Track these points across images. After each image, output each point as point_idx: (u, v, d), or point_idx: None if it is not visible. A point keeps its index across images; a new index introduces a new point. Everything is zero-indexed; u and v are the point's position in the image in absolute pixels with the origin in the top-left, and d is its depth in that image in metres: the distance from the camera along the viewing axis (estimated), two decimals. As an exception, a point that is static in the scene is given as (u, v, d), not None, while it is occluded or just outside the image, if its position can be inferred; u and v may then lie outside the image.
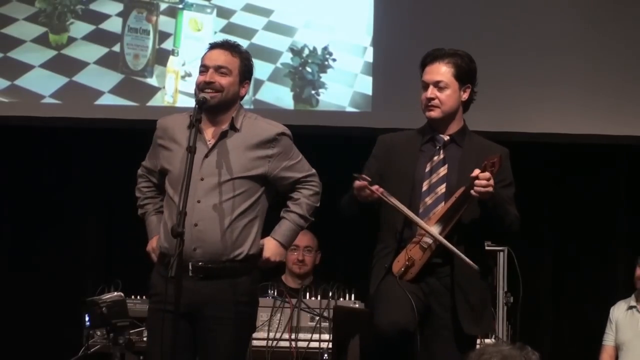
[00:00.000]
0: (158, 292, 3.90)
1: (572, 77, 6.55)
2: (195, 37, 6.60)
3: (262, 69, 6.56)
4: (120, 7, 6.63)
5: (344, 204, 4.02)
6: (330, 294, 5.03)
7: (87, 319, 4.25)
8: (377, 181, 3.91)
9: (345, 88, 6.59)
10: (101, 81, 6.54)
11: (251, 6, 6.65)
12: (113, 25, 6.61)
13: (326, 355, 4.89)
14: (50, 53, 6.57)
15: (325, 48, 6.59)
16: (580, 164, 6.74)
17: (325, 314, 4.97)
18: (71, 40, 6.60)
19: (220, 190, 3.92)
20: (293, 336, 4.94)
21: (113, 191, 6.36)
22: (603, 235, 6.71)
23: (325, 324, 4.96)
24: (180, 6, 6.63)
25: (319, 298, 5.09)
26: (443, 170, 3.98)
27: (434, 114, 4.01)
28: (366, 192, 3.85)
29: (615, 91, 6.52)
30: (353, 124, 6.44)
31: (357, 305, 4.97)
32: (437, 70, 4.01)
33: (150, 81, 6.56)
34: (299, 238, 5.81)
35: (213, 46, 4.07)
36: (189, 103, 4.13)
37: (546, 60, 6.53)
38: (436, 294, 3.90)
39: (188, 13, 6.62)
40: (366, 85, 6.58)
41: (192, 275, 3.87)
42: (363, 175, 3.87)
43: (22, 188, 6.64)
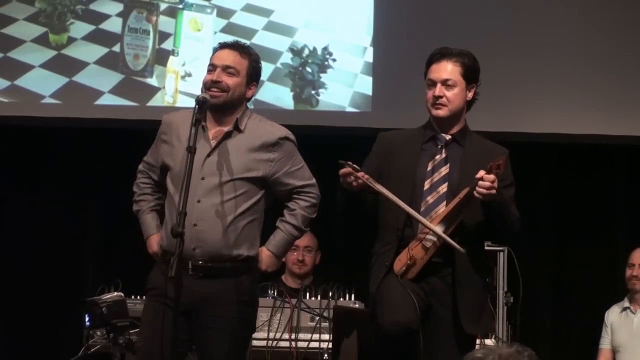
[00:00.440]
0: (157, 288, 3.91)
1: (572, 77, 6.55)
2: (195, 37, 6.61)
3: (262, 69, 6.55)
4: (120, 7, 6.63)
5: (336, 196, 3.99)
6: (330, 294, 5.03)
7: (87, 319, 4.25)
8: (376, 178, 3.89)
9: (345, 88, 6.59)
10: (101, 81, 6.54)
11: (251, 6, 6.65)
12: (113, 25, 6.62)
13: (326, 355, 4.90)
14: (50, 53, 6.57)
15: (325, 48, 6.59)
16: (580, 164, 6.74)
17: (325, 314, 4.97)
18: (71, 40, 6.60)
19: (221, 190, 3.92)
20: (293, 336, 4.94)
21: (113, 191, 6.36)
22: (603, 235, 6.71)
23: (325, 324, 4.96)
24: (180, 6, 6.63)
25: (319, 298, 5.09)
26: (445, 169, 3.97)
27: (442, 113, 4.00)
28: (351, 179, 3.82)
29: (615, 91, 6.53)
30: (353, 124, 6.45)
31: (357, 305, 4.97)
32: (445, 68, 4.00)
33: (150, 81, 6.56)
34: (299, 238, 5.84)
35: (223, 46, 4.07)
36: (189, 103, 4.13)
37: (546, 60, 6.53)
38: (437, 293, 3.90)
39: (188, 13, 6.62)
40: (366, 85, 6.58)
41: (192, 273, 3.88)
42: (348, 162, 3.84)
43: (22, 188, 6.63)
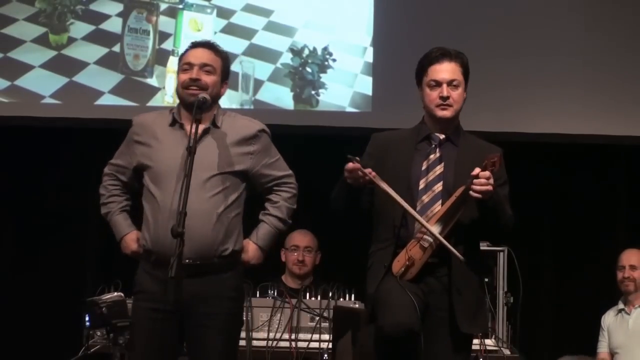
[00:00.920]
0: (144, 290, 3.96)
1: (572, 78, 6.55)
2: (195, 37, 6.56)
3: (262, 69, 6.57)
4: (120, 7, 6.64)
5: (334, 193, 3.97)
6: (330, 294, 5.03)
7: (87, 319, 4.24)
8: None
9: (345, 88, 6.59)
10: (101, 81, 6.54)
11: (251, 6, 6.65)
12: (113, 25, 6.62)
13: (326, 355, 4.89)
14: (50, 53, 6.57)
15: (325, 48, 6.60)
16: (580, 164, 6.75)
17: (325, 314, 4.98)
18: (71, 40, 6.60)
19: (205, 186, 3.96)
20: (293, 336, 4.94)
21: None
22: (603, 235, 6.71)
23: (325, 324, 4.96)
24: (180, 6, 6.64)
25: (319, 298, 5.09)
26: (439, 168, 3.96)
27: (448, 114, 3.98)
28: (358, 175, 3.81)
29: (615, 91, 6.53)
30: (353, 124, 6.45)
31: (357, 305, 4.96)
32: (450, 68, 3.98)
33: (150, 81, 6.56)
34: (300, 238, 5.85)
35: (196, 45, 4.14)
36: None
37: (546, 60, 6.53)
38: (434, 294, 3.89)
39: (188, 13, 6.63)
40: (366, 85, 6.58)
41: (180, 273, 3.87)
42: (356, 157, 3.82)
43: (22, 188, 6.63)
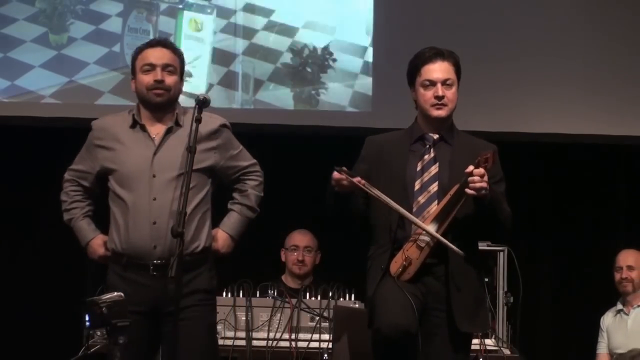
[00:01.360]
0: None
1: (572, 78, 6.55)
2: (195, 37, 6.61)
3: (262, 69, 6.56)
4: (120, 7, 6.63)
5: (327, 200, 3.96)
6: (330, 294, 5.03)
7: (87, 319, 4.24)
8: (368, 182, 3.86)
9: (345, 88, 6.59)
10: (101, 81, 6.53)
11: (251, 6, 6.64)
12: (113, 25, 6.61)
13: (326, 355, 4.89)
14: (50, 53, 6.56)
15: (325, 48, 6.59)
16: (579, 164, 6.74)
17: (325, 314, 4.98)
18: (71, 40, 6.60)
19: (174, 185, 3.97)
20: (293, 336, 4.94)
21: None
22: (603, 235, 6.71)
23: (325, 324, 4.96)
24: (180, 6, 6.63)
25: (319, 298, 5.09)
26: (434, 168, 3.96)
27: (443, 113, 3.98)
28: (345, 184, 3.81)
29: (615, 91, 6.53)
30: (353, 124, 6.44)
31: (357, 305, 4.96)
32: (444, 68, 3.98)
33: (150, 81, 6.55)
34: (299, 238, 5.85)
35: (154, 44, 4.11)
36: (189, 103, 4.14)
37: (546, 61, 6.53)
38: (433, 294, 3.89)
39: (188, 13, 6.62)
40: (366, 85, 6.58)
41: (154, 274, 3.92)
42: (344, 168, 3.82)
43: (22, 188, 6.63)
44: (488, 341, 5.04)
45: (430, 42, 4.15)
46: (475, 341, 4.80)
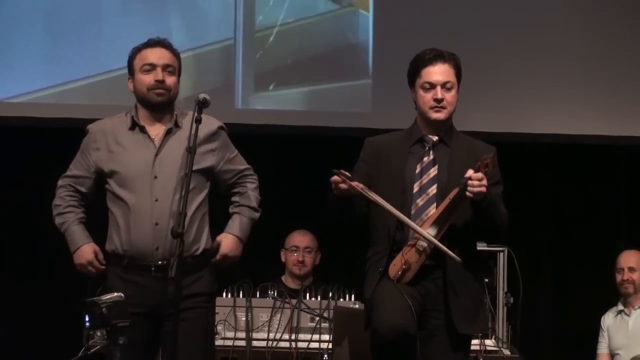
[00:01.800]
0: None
1: (572, 78, 6.55)
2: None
3: (262, 69, 6.55)
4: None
5: (325, 206, 3.97)
6: (330, 295, 5.04)
7: (87, 320, 4.25)
8: (366, 183, 3.87)
9: (345, 88, 6.58)
10: (101, 81, 6.52)
11: (251, 6, 6.62)
12: (113, 25, 6.59)
13: (326, 355, 4.90)
14: (50, 53, 6.54)
15: (325, 48, 6.58)
16: (580, 164, 6.74)
17: (325, 315, 4.98)
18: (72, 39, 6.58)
19: (175, 187, 3.97)
20: (293, 337, 4.95)
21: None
22: (603, 235, 6.71)
23: (325, 325, 4.97)
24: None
25: (319, 299, 5.09)
26: (433, 171, 3.95)
27: (442, 116, 3.97)
28: (343, 187, 3.81)
29: (615, 92, 6.53)
30: (353, 124, 6.44)
31: (357, 305, 4.97)
32: (444, 70, 3.97)
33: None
34: (299, 239, 5.85)
35: (154, 44, 4.10)
36: (188, 103, 4.16)
37: (546, 61, 6.54)
38: (430, 296, 3.89)
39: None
40: (366, 85, 6.58)
41: (155, 275, 3.93)
42: (342, 171, 3.82)
43: (22, 188, 6.63)
44: (488, 341, 5.04)
45: (429, 43, 4.15)
46: (475, 341, 4.80)
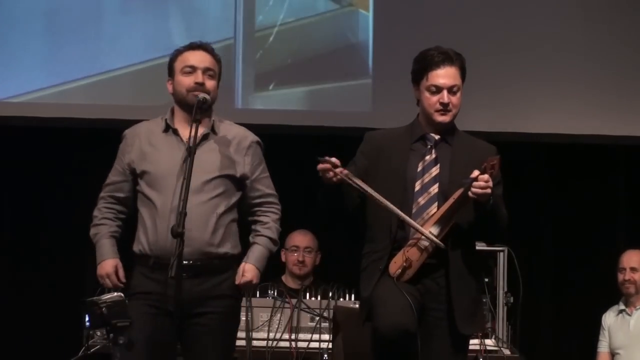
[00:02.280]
0: (143, 292, 3.96)
1: (572, 78, 6.56)
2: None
3: (262, 69, 6.55)
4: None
5: (319, 195, 3.94)
6: (330, 295, 5.04)
7: (87, 320, 4.25)
8: (362, 177, 3.86)
9: (345, 88, 6.58)
10: (101, 81, 6.52)
11: (251, 5, 6.62)
12: (112, 25, 6.60)
13: (326, 355, 4.90)
14: (50, 52, 6.54)
15: (325, 48, 6.58)
16: (580, 164, 6.75)
17: (325, 314, 4.98)
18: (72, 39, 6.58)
19: (203, 189, 3.98)
20: (293, 336, 4.95)
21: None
22: (603, 235, 6.72)
23: (325, 324, 4.97)
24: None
25: (319, 298, 5.10)
26: (435, 170, 3.94)
27: (447, 119, 3.96)
28: (329, 175, 3.79)
29: (615, 91, 6.54)
30: (353, 124, 6.43)
31: (357, 305, 4.96)
32: (451, 74, 3.95)
33: (151, 81, 6.54)
34: (300, 239, 5.86)
35: (196, 47, 4.09)
36: (189, 103, 4.16)
37: (546, 60, 6.53)
38: (431, 294, 3.89)
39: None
40: (366, 85, 6.58)
41: (182, 274, 3.90)
42: (326, 157, 3.81)
43: (22, 188, 6.63)
44: (488, 341, 5.04)
45: (429, 42, 4.14)
46: (475, 341, 4.81)
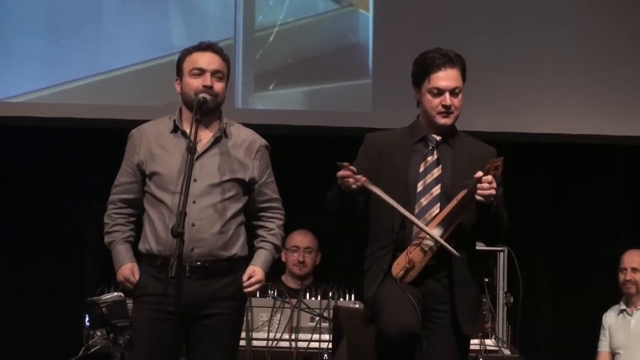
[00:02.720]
0: (150, 292, 3.95)
1: (572, 78, 6.56)
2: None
3: (262, 69, 6.55)
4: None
5: (328, 196, 3.94)
6: (330, 294, 5.04)
7: (87, 320, 4.26)
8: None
9: (345, 88, 6.58)
10: (101, 81, 6.52)
11: (251, 5, 6.62)
12: (112, 24, 6.60)
13: (326, 355, 4.90)
14: (50, 52, 6.54)
15: (325, 48, 6.58)
16: (580, 164, 6.75)
17: (325, 314, 4.98)
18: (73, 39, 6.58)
19: (213, 192, 3.98)
20: (293, 336, 4.95)
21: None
22: (603, 235, 6.72)
23: (325, 324, 4.97)
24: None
25: (319, 298, 5.10)
26: (437, 171, 3.93)
27: (449, 121, 3.95)
28: (349, 182, 3.78)
29: (615, 91, 6.53)
30: (353, 124, 6.43)
31: (357, 305, 4.97)
32: (453, 76, 3.94)
33: (151, 81, 6.54)
34: (300, 239, 5.86)
35: (205, 48, 4.07)
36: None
37: (546, 60, 6.54)
38: (434, 295, 3.89)
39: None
40: (366, 85, 6.58)
41: (190, 275, 3.92)
42: (346, 164, 3.80)
43: (22, 188, 6.63)
44: (488, 341, 5.04)
45: (429, 42, 4.13)
46: (475, 341, 4.80)
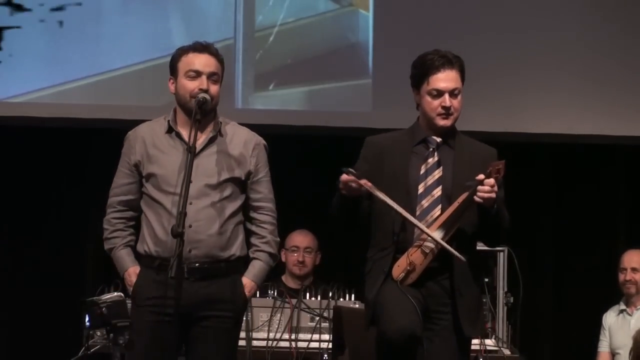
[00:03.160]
0: (147, 293, 3.94)
1: (572, 78, 6.55)
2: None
3: (262, 69, 6.55)
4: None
5: (332, 206, 3.94)
6: (330, 294, 5.04)
7: (87, 320, 4.25)
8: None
9: (345, 88, 6.58)
10: (101, 81, 6.52)
11: (251, 5, 6.62)
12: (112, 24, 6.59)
13: (326, 355, 4.90)
14: (50, 52, 6.54)
15: (324, 48, 6.58)
16: (579, 164, 6.75)
17: (325, 314, 4.98)
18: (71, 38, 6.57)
19: (210, 192, 3.97)
20: (293, 336, 4.95)
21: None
22: (603, 234, 6.72)
23: (325, 324, 4.97)
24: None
25: (319, 298, 5.10)
26: (438, 172, 3.92)
27: (449, 123, 3.94)
28: (353, 187, 3.78)
29: (615, 92, 6.53)
30: (353, 124, 6.43)
31: (357, 305, 4.97)
32: (452, 77, 3.93)
33: (151, 81, 6.54)
34: (300, 239, 5.86)
35: (201, 49, 4.04)
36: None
37: (546, 60, 6.53)
38: (435, 297, 3.88)
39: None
40: (366, 85, 6.58)
41: (188, 277, 3.90)
42: (351, 169, 3.80)
43: (22, 188, 6.63)
44: (488, 341, 5.04)
45: (429, 42, 4.14)
46: (475, 341, 4.80)
